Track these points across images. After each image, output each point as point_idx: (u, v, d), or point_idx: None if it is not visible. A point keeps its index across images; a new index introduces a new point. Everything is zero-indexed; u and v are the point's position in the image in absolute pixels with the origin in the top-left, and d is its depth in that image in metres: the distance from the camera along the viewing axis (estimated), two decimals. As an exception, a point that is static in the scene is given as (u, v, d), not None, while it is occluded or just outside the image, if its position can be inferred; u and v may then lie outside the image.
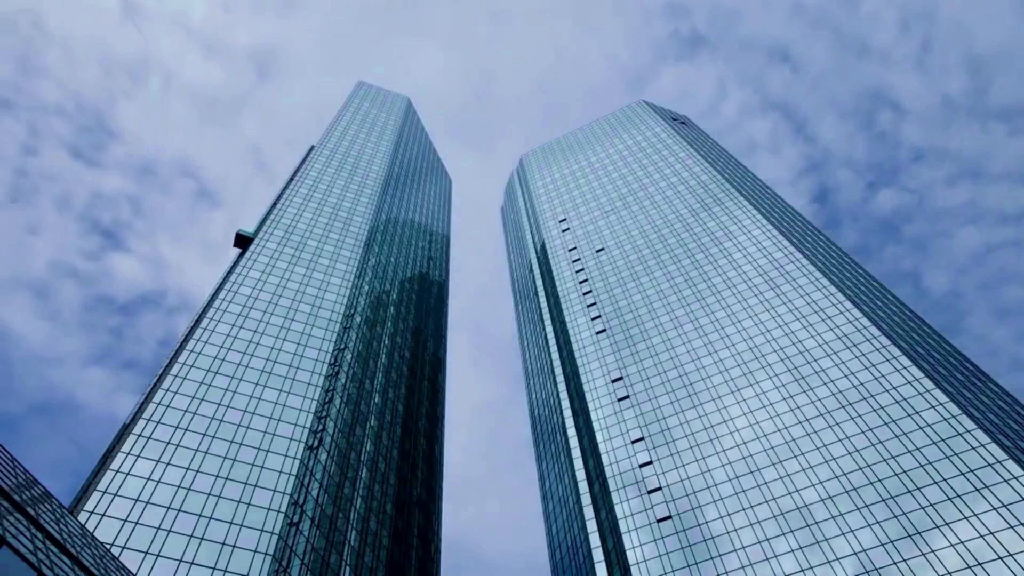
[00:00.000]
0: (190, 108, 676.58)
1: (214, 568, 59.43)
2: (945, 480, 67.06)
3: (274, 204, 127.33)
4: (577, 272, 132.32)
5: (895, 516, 66.32)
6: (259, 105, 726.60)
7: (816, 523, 69.48)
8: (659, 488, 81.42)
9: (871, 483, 70.28)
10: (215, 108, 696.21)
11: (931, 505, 65.59)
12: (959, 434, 70.44)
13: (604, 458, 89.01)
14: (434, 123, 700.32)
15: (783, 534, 70.10)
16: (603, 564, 78.04)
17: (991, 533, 61.07)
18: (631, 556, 75.10)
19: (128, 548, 57.85)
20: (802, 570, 66.15)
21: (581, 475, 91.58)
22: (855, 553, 65.10)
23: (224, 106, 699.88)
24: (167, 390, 75.68)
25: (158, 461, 67.03)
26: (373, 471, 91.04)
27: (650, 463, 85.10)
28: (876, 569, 62.88)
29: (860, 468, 72.26)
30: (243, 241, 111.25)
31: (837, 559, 65.42)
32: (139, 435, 68.97)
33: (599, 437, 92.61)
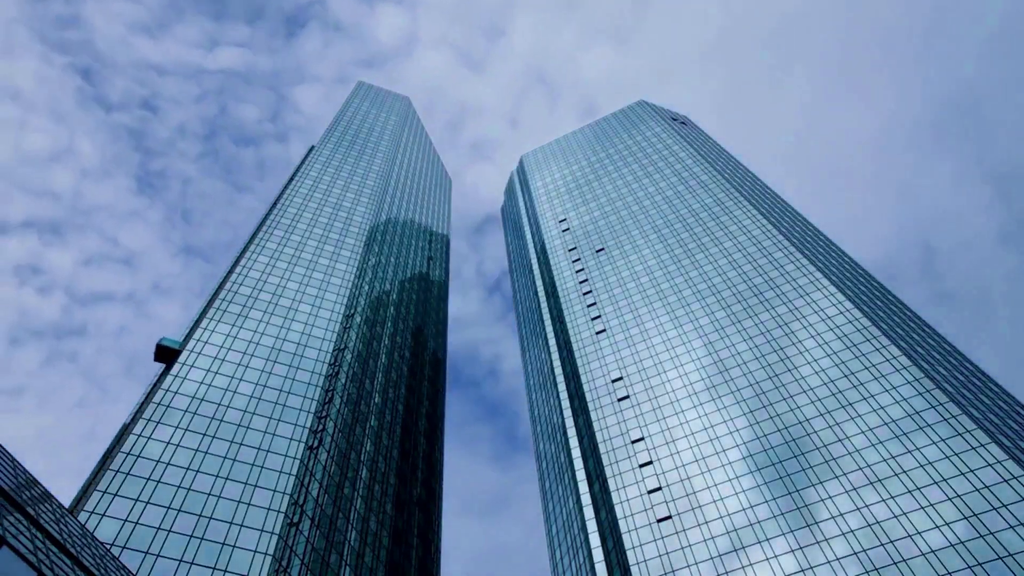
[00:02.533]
0: (582, 28, 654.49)
1: (214, 568, 59.44)
2: (945, 480, 67.07)
3: (273, 205, 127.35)
4: (577, 272, 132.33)
5: (895, 516, 66.33)
6: (648, 32, 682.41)
7: (816, 523, 69.50)
8: (659, 488, 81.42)
9: (871, 483, 70.28)
10: (608, 33, 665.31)
11: (931, 505, 65.60)
12: (959, 434, 70.44)
13: (604, 458, 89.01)
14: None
15: (783, 534, 70.12)
16: (603, 564, 78.04)
17: (991, 533, 61.08)
18: (631, 556, 75.11)
19: (128, 548, 57.86)
20: (802, 570, 66.18)
21: (581, 475, 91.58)
22: (855, 553, 65.13)
23: (614, 33, 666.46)
24: (167, 390, 75.69)
25: (158, 461, 67.03)
26: (373, 471, 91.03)
27: (650, 463, 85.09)
28: (876, 569, 62.90)
29: (860, 468, 72.26)
30: (166, 353, 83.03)
31: (837, 559, 65.43)
32: (139, 435, 68.97)
33: (599, 437, 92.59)
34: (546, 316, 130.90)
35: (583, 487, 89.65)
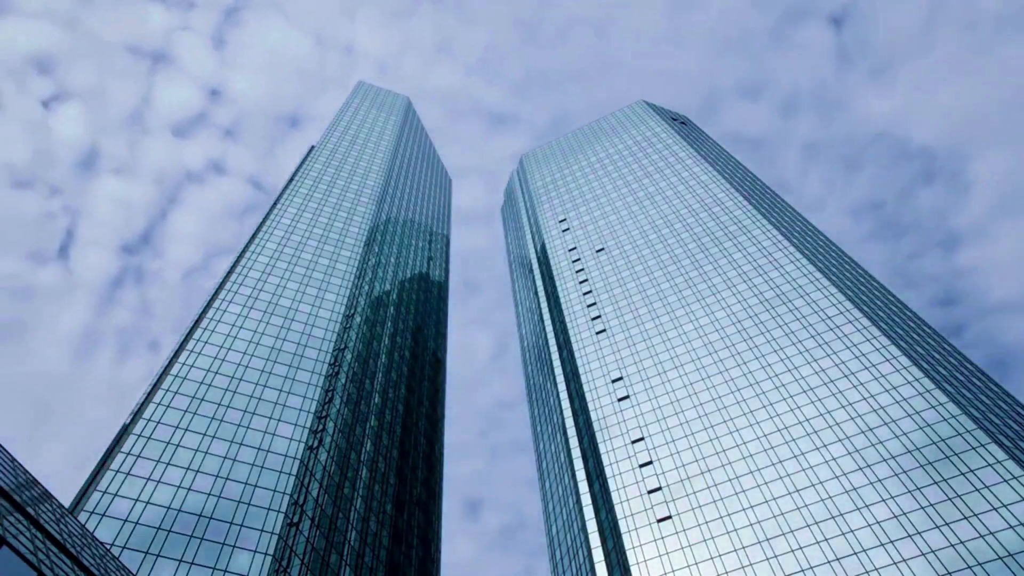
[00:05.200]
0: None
1: (214, 568, 59.44)
2: (945, 480, 67.07)
3: (274, 205, 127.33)
4: (577, 272, 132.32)
5: (895, 516, 66.32)
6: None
7: (816, 523, 69.49)
8: (659, 488, 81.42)
9: (871, 483, 70.28)
10: None
11: (931, 505, 65.60)
12: (959, 434, 70.45)
13: (604, 458, 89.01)
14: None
15: (783, 534, 70.12)
16: (603, 564, 78.05)
17: (991, 533, 61.08)
18: (631, 556, 75.11)
19: (128, 548, 57.86)
20: (802, 570, 66.17)
21: (581, 475, 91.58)
22: (855, 553, 65.12)
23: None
24: (167, 390, 75.69)
25: (158, 461, 67.03)
26: (373, 471, 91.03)
27: (650, 463, 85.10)
28: (876, 569, 62.89)
29: (860, 468, 72.27)
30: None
31: (837, 559, 65.43)
32: (139, 435, 68.98)
33: (599, 437, 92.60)
34: (546, 316, 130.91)
35: (583, 487, 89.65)
